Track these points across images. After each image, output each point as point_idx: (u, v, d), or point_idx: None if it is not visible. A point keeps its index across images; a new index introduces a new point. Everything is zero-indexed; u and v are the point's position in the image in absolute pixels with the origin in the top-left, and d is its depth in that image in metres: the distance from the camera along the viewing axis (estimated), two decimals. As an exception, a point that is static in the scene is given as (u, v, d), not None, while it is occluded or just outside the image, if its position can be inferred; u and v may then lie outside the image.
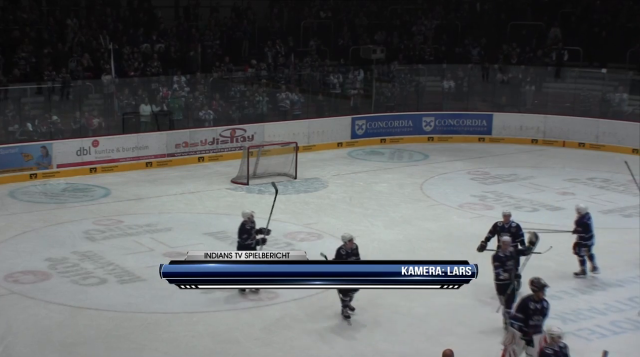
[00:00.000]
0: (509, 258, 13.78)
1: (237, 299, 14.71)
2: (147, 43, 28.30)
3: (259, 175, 23.16)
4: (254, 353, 12.76)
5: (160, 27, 29.67)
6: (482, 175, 24.25)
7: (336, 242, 17.87)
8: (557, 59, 30.99)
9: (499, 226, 15.17)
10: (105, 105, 25.94)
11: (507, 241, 14.02)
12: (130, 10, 29.99)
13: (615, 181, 23.71)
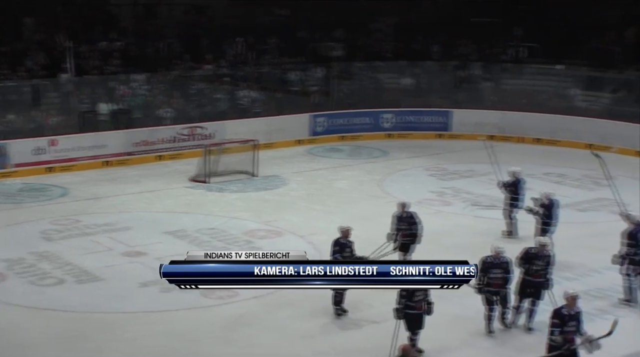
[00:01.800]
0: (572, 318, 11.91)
1: (197, 298, 14.69)
2: (106, 41, 28.11)
3: (218, 174, 23.12)
4: (214, 352, 12.78)
5: (118, 25, 29.48)
6: (441, 171, 24.44)
7: (295, 240, 18.04)
8: (515, 56, 31.31)
9: (487, 262, 13.55)
10: (63, 104, 25.73)
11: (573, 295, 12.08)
12: (88, 8, 29.76)
13: (571, 175, 24.03)
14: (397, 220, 15.87)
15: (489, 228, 19.12)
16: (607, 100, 29.31)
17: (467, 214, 20.15)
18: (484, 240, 17.90)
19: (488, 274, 13.25)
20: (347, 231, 14.19)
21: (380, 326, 13.73)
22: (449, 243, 15.79)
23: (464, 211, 19.11)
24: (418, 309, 12.17)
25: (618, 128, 27.19)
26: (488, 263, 13.40)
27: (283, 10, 33.54)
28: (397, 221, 15.86)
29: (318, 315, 14.11)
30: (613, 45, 30.34)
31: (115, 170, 23.91)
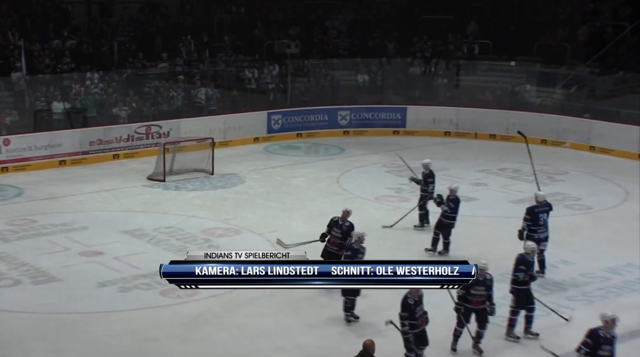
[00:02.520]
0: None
1: (156, 298, 14.66)
2: (58, 39, 27.83)
3: (175, 172, 23.03)
4: (174, 350, 12.75)
5: (71, 23, 29.19)
6: (398, 168, 24.52)
7: (254, 238, 18.05)
8: (468, 53, 31.61)
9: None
10: (16, 103, 25.43)
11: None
12: (40, 6, 29.44)
13: (526, 171, 24.19)
14: None
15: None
16: (560, 96, 29.72)
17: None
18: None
19: (470, 290, 12.61)
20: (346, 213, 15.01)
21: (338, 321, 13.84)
22: (409, 239, 15.89)
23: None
24: (420, 325, 11.95)
25: (571, 123, 27.58)
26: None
27: (238, 8, 33.47)
28: None
29: (278, 312, 14.14)
30: (565, 41, 30.77)
31: (70, 170, 23.70)
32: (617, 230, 18.95)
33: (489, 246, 17.59)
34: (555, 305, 14.56)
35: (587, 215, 20.22)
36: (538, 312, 13.56)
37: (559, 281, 15.83)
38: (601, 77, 29.63)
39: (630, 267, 16.53)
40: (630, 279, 15.98)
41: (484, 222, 19.30)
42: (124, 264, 16.27)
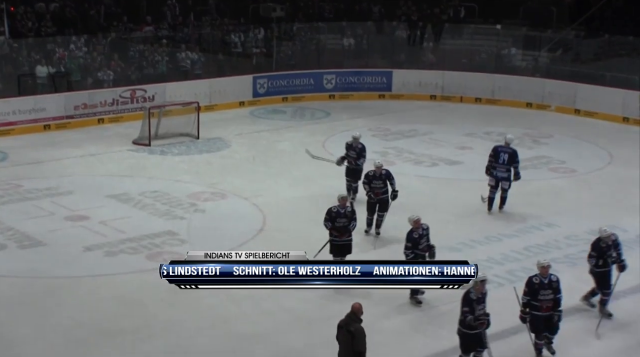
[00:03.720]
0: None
1: (142, 262, 14.70)
2: (41, 2, 27.54)
3: (160, 136, 22.97)
4: (161, 314, 12.81)
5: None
6: (383, 131, 24.59)
7: (240, 202, 18.08)
8: (454, 16, 31.50)
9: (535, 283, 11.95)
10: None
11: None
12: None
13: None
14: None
15: (432, 188, 19.38)
16: (545, 59, 29.72)
17: (409, 173, 20.34)
18: (428, 200, 18.25)
19: (537, 296, 11.56)
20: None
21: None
22: (395, 202, 15.92)
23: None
24: (480, 326, 10.96)
25: (556, 87, 27.60)
26: (537, 284, 11.64)
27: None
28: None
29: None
30: (550, 5, 30.70)
31: (55, 134, 23.59)
32: (601, 193, 19.07)
33: (474, 209, 17.68)
34: (539, 267, 14.67)
35: (572, 178, 20.33)
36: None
37: (542, 243, 15.94)
38: (586, 41, 29.67)
39: (613, 230, 16.48)
40: (613, 241, 16.08)
41: (468, 186, 19.36)
42: (110, 228, 16.27)
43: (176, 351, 11.67)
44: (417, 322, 12.77)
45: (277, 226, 16.62)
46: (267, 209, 17.53)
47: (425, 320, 12.81)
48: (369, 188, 16.02)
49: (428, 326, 12.63)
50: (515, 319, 11.89)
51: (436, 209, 17.51)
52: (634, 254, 15.50)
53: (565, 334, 11.94)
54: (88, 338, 12.02)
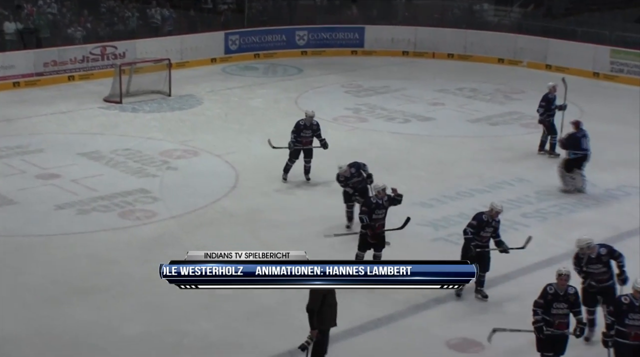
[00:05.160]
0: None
1: (115, 220, 14.67)
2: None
3: (132, 94, 22.79)
4: (134, 272, 12.80)
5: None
6: (356, 88, 24.56)
7: (212, 159, 18.05)
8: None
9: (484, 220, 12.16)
10: (-35, 23, 24.89)
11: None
12: None
13: (483, 90, 24.44)
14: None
15: (405, 144, 19.42)
16: (517, 14, 29.71)
17: (382, 130, 20.39)
18: (400, 156, 18.32)
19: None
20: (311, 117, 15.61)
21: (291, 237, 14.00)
22: (367, 159, 15.92)
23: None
24: (556, 327, 9.90)
25: (528, 42, 27.63)
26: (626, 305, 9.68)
27: None
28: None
29: (236, 233, 14.24)
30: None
31: (25, 92, 23.33)
32: (572, 148, 19.20)
33: (447, 165, 17.77)
34: (510, 222, 14.83)
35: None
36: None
37: (514, 198, 16.06)
38: (558, -4, 29.70)
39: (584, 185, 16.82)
40: (583, 195, 16.26)
41: (441, 142, 19.46)
42: (82, 186, 16.20)
43: (150, 308, 11.70)
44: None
45: (250, 183, 16.63)
46: (240, 166, 17.53)
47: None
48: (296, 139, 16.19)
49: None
50: (488, 273, 12.03)
51: (409, 165, 17.61)
52: (603, 209, 15.75)
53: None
54: (61, 297, 12.01)
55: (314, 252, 13.19)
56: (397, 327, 11.06)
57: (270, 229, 14.42)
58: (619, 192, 16.55)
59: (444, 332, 11.02)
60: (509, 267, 13.00)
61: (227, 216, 15.03)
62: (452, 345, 10.93)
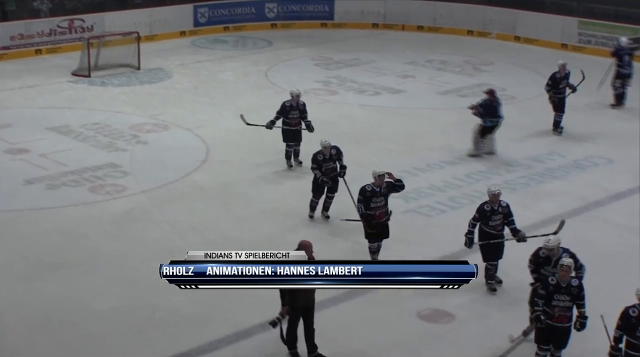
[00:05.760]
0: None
1: (85, 194, 14.60)
2: None
3: (100, 67, 22.59)
4: (104, 247, 12.77)
5: None
6: (326, 60, 24.52)
7: (182, 133, 17.99)
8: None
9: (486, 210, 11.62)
10: None
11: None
12: None
13: (452, 62, 24.50)
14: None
15: (375, 117, 19.47)
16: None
17: (352, 103, 20.42)
18: (371, 129, 18.37)
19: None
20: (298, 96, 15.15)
21: (273, 215, 14.02)
22: (338, 132, 15.98)
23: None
24: (556, 320, 9.47)
25: (497, 14, 27.67)
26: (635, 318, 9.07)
27: None
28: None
29: (208, 207, 14.25)
30: None
31: (-9, 66, 23.10)
32: (540, 119, 19.29)
33: (417, 137, 17.84)
34: (480, 193, 14.91)
35: (512, 105, 20.49)
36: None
37: (483, 170, 16.18)
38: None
39: (552, 155, 16.98)
40: (552, 166, 16.43)
41: (411, 114, 19.52)
42: (51, 161, 16.09)
43: (121, 283, 11.69)
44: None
45: (220, 157, 16.60)
46: (210, 140, 17.48)
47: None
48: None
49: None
50: (456, 246, 12.13)
51: (379, 138, 17.67)
52: (571, 179, 15.91)
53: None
54: (32, 272, 11.96)
55: (286, 225, 13.34)
56: (369, 300, 11.12)
57: (242, 202, 14.43)
58: (587, 162, 16.71)
59: (415, 304, 11.11)
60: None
61: (198, 190, 15.02)
62: (422, 316, 11.03)
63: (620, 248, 13.02)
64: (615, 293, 9.70)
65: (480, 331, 10.74)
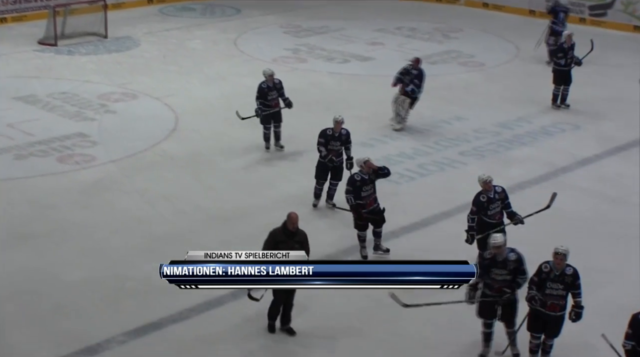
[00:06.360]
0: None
1: (53, 164, 14.52)
2: None
3: (67, 36, 22.34)
4: (74, 217, 12.72)
5: None
6: (295, 28, 24.42)
7: (151, 102, 17.89)
8: None
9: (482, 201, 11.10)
10: None
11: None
12: None
13: (421, 29, 24.50)
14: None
15: (345, 84, 19.47)
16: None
17: (322, 70, 20.39)
18: (340, 97, 18.37)
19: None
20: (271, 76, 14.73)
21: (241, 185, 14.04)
22: (308, 100, 15.96)
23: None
24: (550, 309, 9.18)
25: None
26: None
27: None
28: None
29: (178, 176, 14.22)
30: None
31: (-45, 35, 22.77)
32: (509, 86, 19.45)
33: (387, 105, 17.81)
34: (449, 160, 15.07)
35: (480, 72, 20.64)
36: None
37: (452, 137, 16.26)
38: None
39: (520, 122, 17.10)
40: (519, 133, 16.55)
41: (380, 81, 19.47)
42: (18, 131, 15.95)
43: (91, 253, 11.67)
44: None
45: (190, 126, 16.54)
46: (179, 109, 17.41)
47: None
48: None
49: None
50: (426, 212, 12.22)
51: (349, 106, 17.63)
52: (538, 145, 16.05)
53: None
54: (1, 243, 11.91)
55: (256, 195, 13.35)
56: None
57: (212, 172, 14.43)
58: (554, 129, 16.85)
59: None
60: (447, 204, 13.24)
61: (167, 159, 14.97)
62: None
63: (586, 213, 13.19)
64: (580, 258, 9.81)
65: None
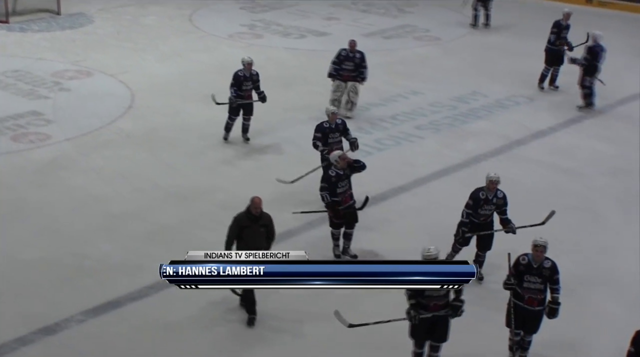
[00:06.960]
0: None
1: (7, 143, 14.36)
2: None
3: (19, 13, 22.03)
4: (30, 197, 12.61)
5: None
6: (251, 4, 24.29)
7: (106, 79, 17.74)
8: None
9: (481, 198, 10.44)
10: None
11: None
12: None
13: (376, 4, 24.50)
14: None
15: (301, 60, 19.46)
16: None
17: (278, 46, 20.35)
18: (297, 72, 18.39)
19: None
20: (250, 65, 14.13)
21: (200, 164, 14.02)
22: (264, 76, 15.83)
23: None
24: (529, 303, 8.92)
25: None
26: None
27: None
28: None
29: (135, 154, 14.15)
30: None
31: None
32: (464, 60, 19.58)
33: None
34: (405, 134, 15.16)
35: (436, 46, 20.73)
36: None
37: (408, 111, 16.36)
38: None
39: (475, 96, 17.25)
40: (475, 106, 16.70)
41: (336, 57, 19.51)
42: (-30, 110, 15.77)
43: (47, 232, 11.60)
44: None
45: (145, 103, 16.43)
46: (134, 86, 17.28)
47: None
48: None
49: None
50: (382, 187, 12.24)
51: (306, 81, 17.69)
52: (494, 118, 16.22)
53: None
54: (-45, 223, 11.82)
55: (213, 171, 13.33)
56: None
57: (168, 148, 14.37)
58: (509, 102, 17.02)
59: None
60: (404, 178, 13.36)
61: (124, 136, 14.88)
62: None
63: (541, 185, 13.39)
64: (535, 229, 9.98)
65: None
